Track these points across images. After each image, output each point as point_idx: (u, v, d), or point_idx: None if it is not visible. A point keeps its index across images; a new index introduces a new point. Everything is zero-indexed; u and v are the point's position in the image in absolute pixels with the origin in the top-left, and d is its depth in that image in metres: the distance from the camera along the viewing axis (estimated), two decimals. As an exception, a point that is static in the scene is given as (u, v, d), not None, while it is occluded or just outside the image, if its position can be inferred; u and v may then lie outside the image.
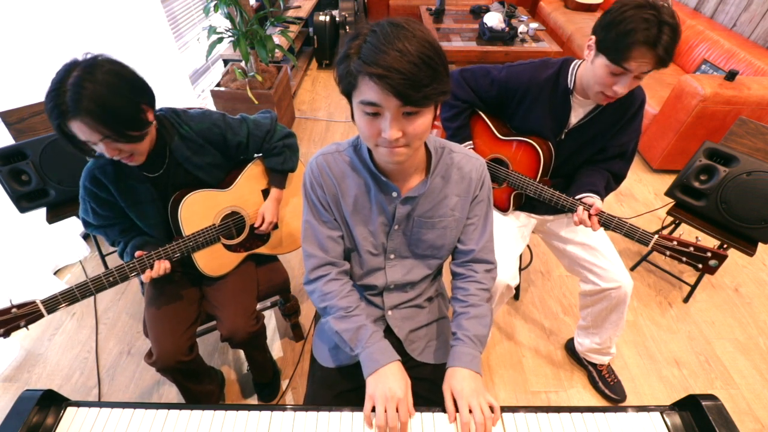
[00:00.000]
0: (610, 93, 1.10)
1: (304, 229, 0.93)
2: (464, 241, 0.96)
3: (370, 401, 0.78)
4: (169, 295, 1.26)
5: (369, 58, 0.63)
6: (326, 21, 3.79)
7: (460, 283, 0.97)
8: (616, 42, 1.01)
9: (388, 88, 0.63)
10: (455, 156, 0.89)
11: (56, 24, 1.77)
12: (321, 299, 0.92)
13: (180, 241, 1.15)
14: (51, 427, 0.76)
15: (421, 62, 0.63)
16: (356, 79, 0.67)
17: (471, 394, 0.78)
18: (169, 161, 1.13)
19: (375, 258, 0.95)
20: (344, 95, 0.73)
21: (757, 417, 1.56)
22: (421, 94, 0.64)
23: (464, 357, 0.85)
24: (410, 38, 0.63)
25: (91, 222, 1.15)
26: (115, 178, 1.07)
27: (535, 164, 1.31)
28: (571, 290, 2.02)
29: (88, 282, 1.02)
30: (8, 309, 0.92)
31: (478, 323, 0.90)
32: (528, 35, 3.31)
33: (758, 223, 1.56)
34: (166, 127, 1.11)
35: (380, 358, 0.83)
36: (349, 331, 0.87)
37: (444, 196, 0.89)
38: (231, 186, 1.26)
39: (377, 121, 0.69)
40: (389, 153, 0.73)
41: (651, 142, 2.73)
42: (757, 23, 2.83)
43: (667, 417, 0.80)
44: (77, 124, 0.88)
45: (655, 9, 0.98)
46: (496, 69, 1.33)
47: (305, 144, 3.01)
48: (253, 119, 1.26)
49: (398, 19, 0.67)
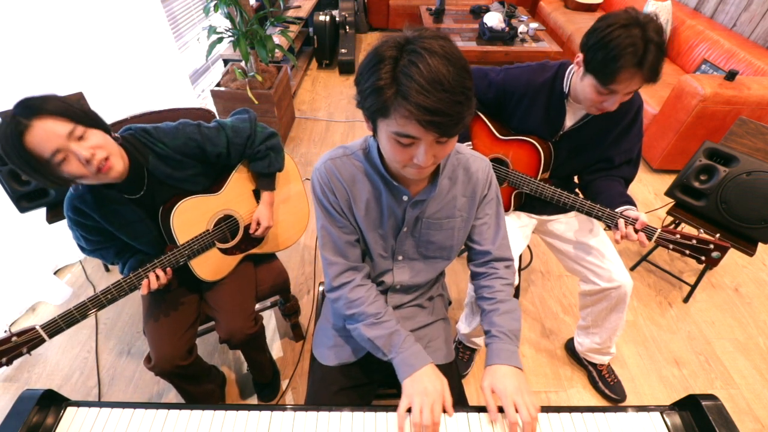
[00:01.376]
0: (601, 108, 1.12)
1: (321, 236, 0.92)
2: (480, 242, 0.96)
3: (407, 399, 0.78)
4: (167, 299, 1.25)
5: (411, 97, 0.59)
6: (326, 21, 3.79)
7: (483, 281, 0.97)
8: (602, 65, 1.02)
9: (433, 129, 0.61)
10: (461, 157, 0.89)
11: (56, 24, 1.76)
12: (348, 306, 0.91)
13: (175, 250, 1.12)
14: (51, 427, 0.76)
15: (464, 98, 0.61)
16: (389, 111, 0.63)
17: (515, 392, 0.77)
18: (149, 180, 1.08)
19: (384, 260, 0.95)
20: (366, 116, 0.70)
21: (757, 417, 1.56)
22: (461, 126, 0.64)
23: (503, 353, 0.85)
24: (450, 67, 0.59)
25: (85, 247, 1.12)
26: (95, 205, 1.02)
27: (535, 163, 1.31)
28: (571, 290, 2.02)
29: (86, 302, 1.01)
30: (8, 338, 0.91)
31: (510, 318, 0.90)
32: (528, 35, 3.31)
33: (758, 223, 1.56)
34: (137, 147, 1.05)
35: (415, 362, 0.83)
36: (382, 338, 0.87)
37: (452, 197, 0.89)
38: (221, 189, 1.22)
39: (410, 149, 0.68)
40: (417, 174, 0.73)
41: (651, 142, 2.73)
42: (757, 23, 2.83)
43: (667, 417, 0.80)
44: (36, 129, 0.82)
45: (641, 26, 0.97)
46: (493, 72, 1.33)
47: (305, 144, 3.01)
48: (231, 125, 1.19)
49: (429, 39, 0.60)
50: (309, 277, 2.05)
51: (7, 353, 0.91)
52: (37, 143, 0.83)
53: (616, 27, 0.98)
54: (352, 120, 3.23)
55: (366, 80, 0.64)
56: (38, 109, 0.84)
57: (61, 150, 0.85)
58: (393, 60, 0.61)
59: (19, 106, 0.84)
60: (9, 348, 0.91)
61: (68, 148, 0.86)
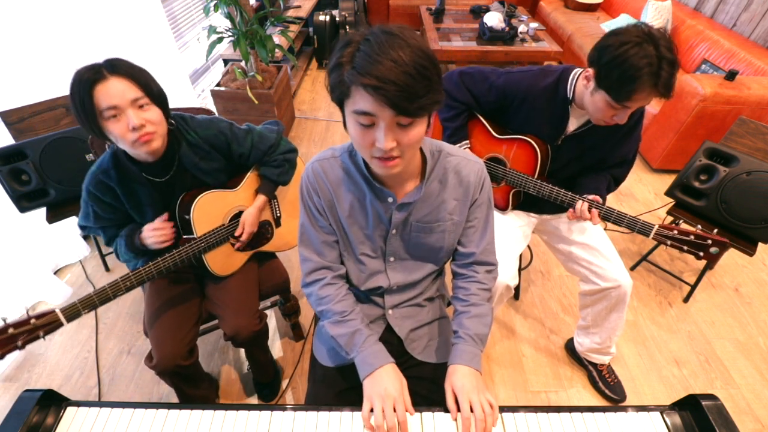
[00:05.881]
0: (610, 121, 1.13)
1: (300, 233, 0.94)
2: (465, 244, 0.96)
3: (368, 402, 0.79)
4: (170, 298, 1.25)
5: (363, 68, 0.61)
6: (326, 21, 3.80)
7: (461, 282, 0.97)
8: (619, 84, 1.01)
9: (383, 99, 0.62)
10: (452, 159, 0.88)
11: (56, 24, 1.77)
12: (317, 303, 0.94)
13: (193, 242, 1.16)
14: (51, 426, 0.76)
15: (416, 73, 0.61)
16: (349, 89, 0.65)
17: (471, 391, 0.79)
18: (177, 167, 1.14)
19: (374, 261, 0.95)
20: (336, 104, 0.72)
21: (757, 417, 1.56)
22: (416, 105, 0.63)
23: (465, 355, 0.86)
24: (405, 47, 0.61)
25: (91, 225, 1.15)
26: (119, 180, 1.08)
27: (533, 161, 1.31)
28: (571, 290, 2.02)
29: (106, 288, 1.01)
30: (27, 320, 0.89)
31: (479, 322, 0.91)
32: (528, 35, 3.31)
33: (758, 222, 1.56)
34: (175, 133, 1.12)
35: (374, 361, 0.84)
36: (345, 336, 0.88)
37: (442, 200, 0.89)
38: (238, 186, 1.27)
39: (371, 131, 0.68)
40: (383, 167, 0.73)
41: (651, 142, 2.73)
42: (757, 23, 2.83)
43: (667, 417, 0.80)
44: (111, 83, 0.91)
45: (654, 43, 0.96)
46: (494, 74, 1.33)
47: (305, 144, 3.01)
48: (259, 132, 1.26)
49: (391, 26, 0.65)
50: (309, 277, 2.04)
51: (24, 335, 0.89)
52: (103, 95, 0.91)
53: (631, 45, 0.97)
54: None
55: (331, 61, 0.68)
56: (122, 69, 0.92)
57: (117, 108, 0.93)
58: (356, 43, 0.64)
59: (108, 61, 0.93)
60: (27, 330, 0.89)
61: (125, 111, 0.94)
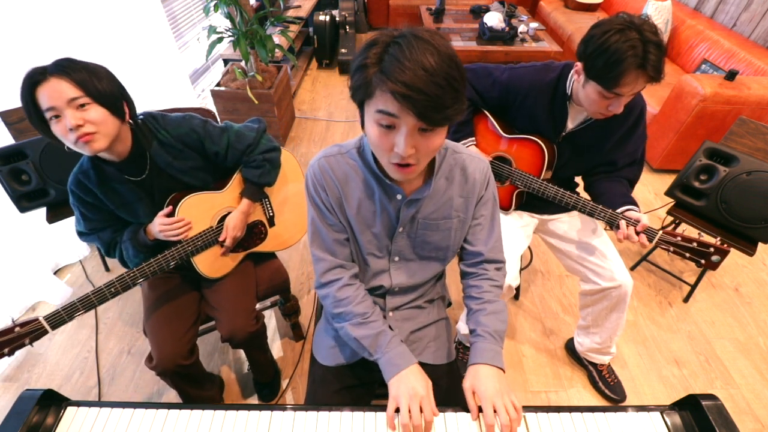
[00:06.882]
0: (606, 112, 1.12)
1: (311, 232, 0.93)
2: (472, 242, 0.96)
3: (394, 402, 0.78)
4: (168, 298, 1.25)
5: (391, 73, 0.60)
6: (326, 21, 3.79)
7: (472, 281, 0.97)
8: (605, 71, 1.02)
9: (410, 107, 0.61)
10: (459, 157, 0.89)
11: (57, 24, 1.76)
12: (335, 305, 0.91)
13: (179, 245, 1.14)
14: (51, 426, 0.76)
15: (446, 83, 0.60)
16: (374, 91, 0.64)
17: (495, 395, 0.78)
18: (151, 166, 1.11)
19: (379, 260, 0.95)
20: (357, 104, 0.71)
21: (757, 417, 1.55)
22: (441, 115, 0.63)
23: (486, 353, 0.85)
24: (435, 55, 0.60)
25: (83, 230, 1.14)
26: (97, 181, 1.06)
27: (539, 162, 1.31)
28: (571, 290, 2.02)
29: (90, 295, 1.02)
30: (11, 328, 0.92)
31: (496, 318, 0.90)
32: (528, 35, 3.31)
33: (758, 222, 1.56)
34: (144, 132, 1.08)
35: (400, 362, 0.83)
36: (369, 338, 0.87)
37: (448, 197, 0.89)
38: (225, 187, 1.24)
39: (391, 134, 0.67)
40: (399, 173, 0.73)
41: (651, 142, 2.72)
42: (757, 23, 2.82)
43: (667, 417, 0.80)
44: (50, 84, 0.90)
45: (637, 29, 0.97)
46: (498, 70, 1.33)
47: (305, 144, 3.01)
48: (236, 130, 1.20)
49: (422, 30, 0.63)
50: (309, 277, 2.05)
51: (9, 344, 0.92)
52: (42, 96, 0.91)
53: (613, 32, 0.99)
54: (353, 120, 3.23)
55: (355, 61, 0.67)
56: (62, 70, 0.92)
57: (56, 108, 0.91)
58: (384, 45, 0.64)
59: (54, 63, 0.93)
60: (12, 338, 0.92)
61: (62, 111, 0.92)
